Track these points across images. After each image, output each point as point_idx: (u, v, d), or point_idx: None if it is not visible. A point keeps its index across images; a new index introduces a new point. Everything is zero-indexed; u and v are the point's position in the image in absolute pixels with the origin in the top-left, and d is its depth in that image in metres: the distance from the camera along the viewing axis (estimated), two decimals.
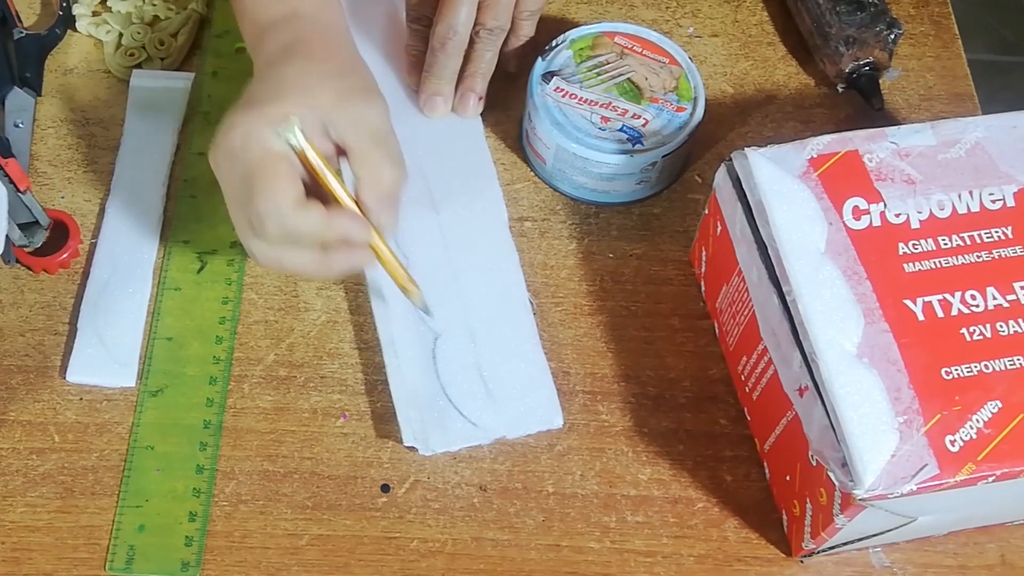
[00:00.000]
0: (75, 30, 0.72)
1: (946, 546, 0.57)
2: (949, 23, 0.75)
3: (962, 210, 0.55)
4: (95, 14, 0.73)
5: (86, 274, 0.64)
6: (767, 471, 0.59)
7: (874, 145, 0.56)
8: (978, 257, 0.54)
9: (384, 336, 0.61)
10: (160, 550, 0.56)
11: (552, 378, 0.61)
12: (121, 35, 0.71)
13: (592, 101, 0.65)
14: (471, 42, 0.66)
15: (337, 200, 0.55)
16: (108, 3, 0.72)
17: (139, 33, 0.71)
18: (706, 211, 0.61)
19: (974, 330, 0.52)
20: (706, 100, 0.66)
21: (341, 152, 0.56)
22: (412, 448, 0.59)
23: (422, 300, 0.59)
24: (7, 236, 0.60)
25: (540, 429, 0.60)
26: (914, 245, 0.54)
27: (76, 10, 0.72)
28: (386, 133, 0.56)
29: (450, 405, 0.59)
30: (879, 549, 0.57)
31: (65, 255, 0.64)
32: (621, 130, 0.64)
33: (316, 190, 0.55)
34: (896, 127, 0.57)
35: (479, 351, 0.61)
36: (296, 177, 0.53)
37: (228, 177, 0.55)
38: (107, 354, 0.61)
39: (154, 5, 0.72)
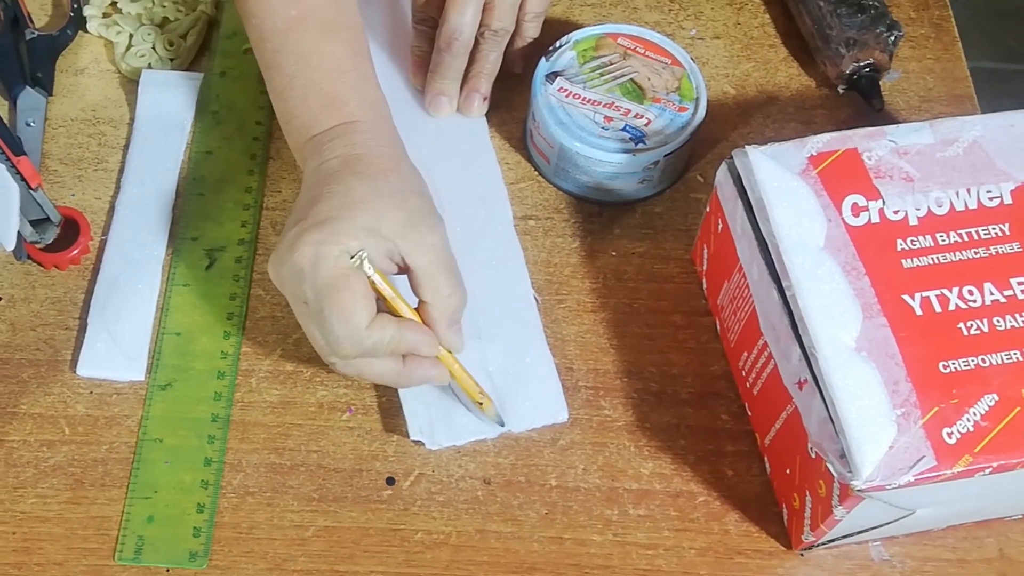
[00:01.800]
0: (86, 31, 0.73)
1: (945, 540, 0.58)
2: (949, 26, 0.76)
3: (960, 207, 0.56)
4: (106, 15, 0.74)
5: (96, 270, 0.65)
6: (767, 465, 0.59)
7: (873, 143, 0.57)
8: (975, 253, 0.54)
9: None
10: (168, 541, 0.57)
11: (557, 373, 0.62)
12: (131, 36, 0.72)
13: (595, 101, 0.66)
14: (476, 43, 0.67)
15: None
16: (118, 4, 0.74)
17: (149, 34, 0.72)
18: (708, 209, 0.62)
19: (971, 325, 0.52)
20: (708, 101, 0.67)
21: (402, 271, 0.56)
22: (418, 442, 0.59)
23: (495, 412, 0.59)
24: (19, 232, 0.61)
25: (545, 423, 0.60)
26: (912, 241, 0.54)
27: (87, 11, 0.73)
28: (449, 257, 0.57)
29: (456, 400, 0.60)
30: (878, 543, 0.58)
31: (76, 251, 0.65)
32: (624, 130, 0.65)
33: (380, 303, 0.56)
34: (895, 126, 0.58)
35: (485, 347, 0.62)
36: (369, 297, 0.54)
37: (295, 292, 0.55)
38: (116, 349, 0.62)
39: (164, 7, 0.73)
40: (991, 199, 0.56)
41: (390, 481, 0.59)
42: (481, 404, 0.59)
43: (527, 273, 0.65)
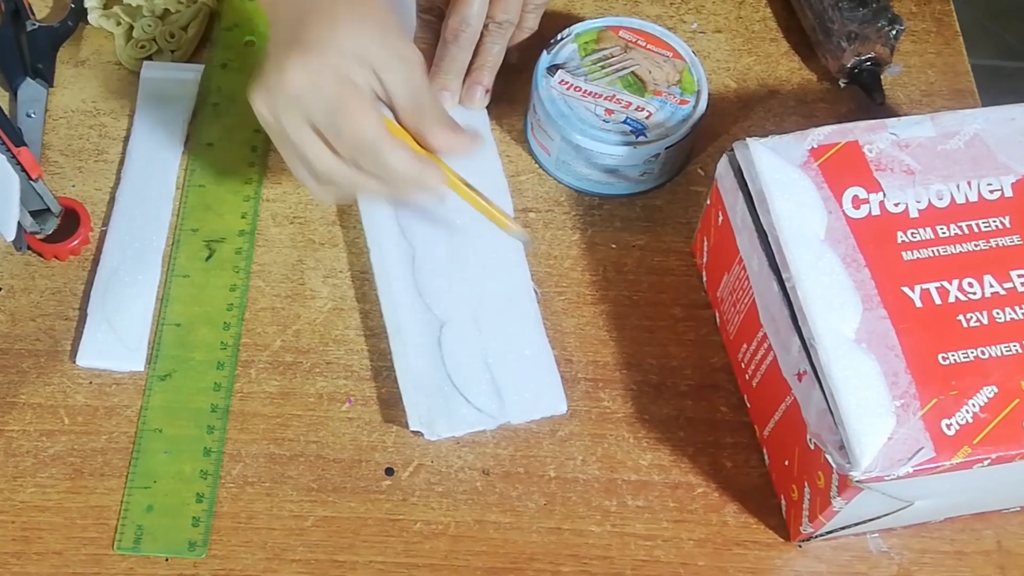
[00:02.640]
0: (87, 22, 0.73)
1: (943, 532, 0.58)
2: (951, 20, 0.76)
3: (960, 200, 0.56)
4: (106, 7, 0.74)
5: (96, 261, 0.65)
6: (766, 457, 0.59)
7: (874, 136, 0.57)
8: (976, 246, 0.54)
9: (391, 323, 0.62)
10: (168, 530, 0.57)
11: (556, 365, 0.62)
12: (132, 27, 0.72)
13: (596, 94, 0.66)
14: (480, 35, 0.67)
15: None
16: None
17: (150, 26, 0.72)
18: (708, 201, 0.62)
19: (971, 317, 0.52)
20: (709, 94, 0.67)
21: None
22: (418, 433, 0.59)
23: (519, 228, 0.61)
24: (19, 223, 0.61)
25: (544, 415, 0.60)
26: (912, 234, 0.54)
27: (88, 3, 0.73)
28: (429, 91, 0.58)
29: (456, 391, 0.60)
30: (876, 534, 0.58)
31: (76, 242, 0.65)
32: (625, 122, 0.65)
33: None
34: (896, 119, 0.58)
35: (484, 339, 0.62)
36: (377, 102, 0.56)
37: (291, 120, 0.55)
38: (116, 339, 0.62)
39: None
40: (992, 192, 0.56)
41: (389, 471, 0.59)
42: (507, 225, 0.60)
43: (527, 266, 0.65)
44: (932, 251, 0.54)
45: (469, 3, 0.65)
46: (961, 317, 0.52)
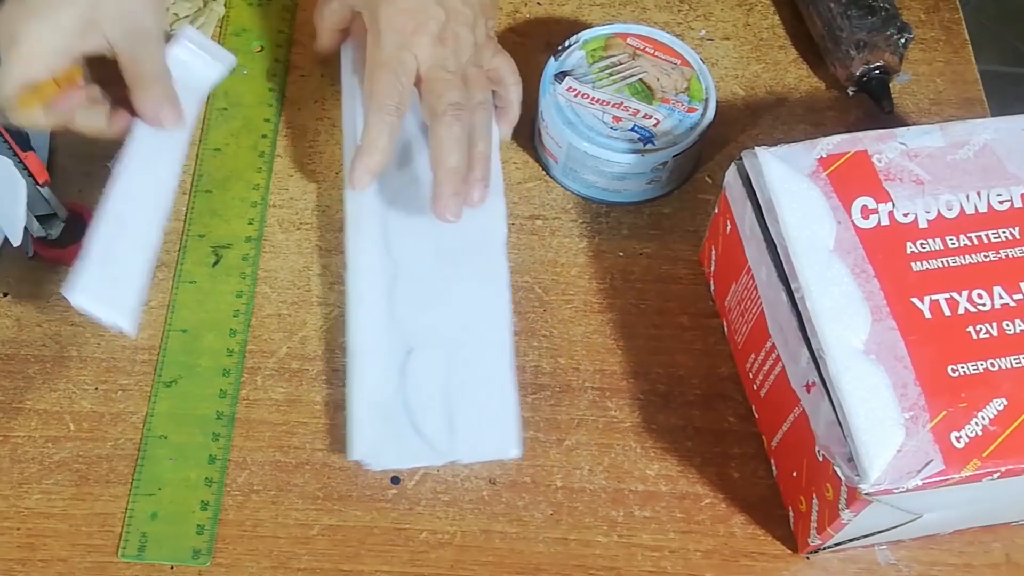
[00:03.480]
0: None
1: (951, 544, 0.58)
2: (959, 29, 0.76)
3: (970, 210, 0.55)
4: None
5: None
6: (774, 468, 0.59)
7: (883, 146, 0.57)
8: (985, 257, 0.54)
9: (353, 342, 0.60)
10: (172, 538, 0.57)
11: (518, 408, 0.59)
12: None
13: (604, 101, 0.66)
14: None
15: None
16: None
17: None
18: (716, 210, 0.62)
19: (980, 328, 0.52)
20: (717, 102, 0.67)
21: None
22: (357, 463, 0.58)
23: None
24: (25, 227, 0.61)
25: (493, 458, 0.59)
26: (922, 244, 0.54)
27: None
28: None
29: (408, 421, 0.58)
30: (884, 547, 0.57)
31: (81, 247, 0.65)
32: (632, 130, 0.65)
33: None
34: (905, 128, 0.57)
35: (450, 371, 0.59)
36: None
37: None
38: (110, 282, 0.58)
39: (174, 2, 0.73)
40: (1001, 202, 0.56)
41: (395, 480, 0.59)
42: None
43: (509, 299, 0.62)
44: (941, 262, 0.54)
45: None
46: (971, 329, 0.52)
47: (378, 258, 0.63)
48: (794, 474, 0.56)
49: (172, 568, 0.56)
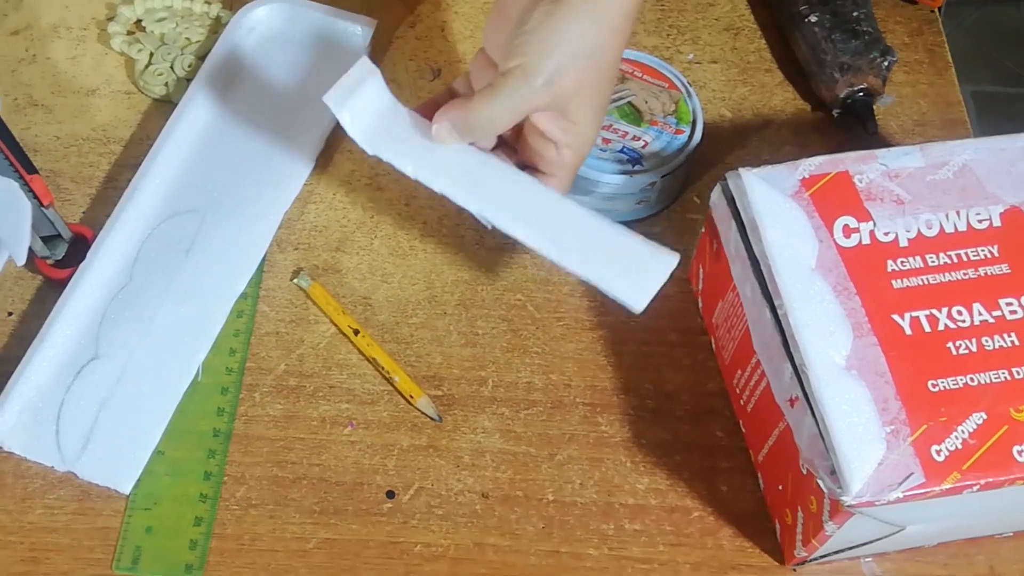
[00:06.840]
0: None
1: (936, 556, 0.59)
2: (943, 51, 0.77)
3: (949, 229, 0.57)
4: (129, 32, 0.76)
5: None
6: (761, 481, 0.60)
7: (864, 166, 0.58)
8: (964, 274, 0.55)
9: (56, 330, 0.62)
10: (165, 552, 0.58)
11: (151, 451, 0.60)
12: (151, 55, 0.74)
13: None
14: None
15: None
16: (143, 24, 0.76)
17: (169, 54, 0.74)
18: (703, 230, 0.63)
19: (960, 344, 0.53)
20: (705, 124, 0.68)
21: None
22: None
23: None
24: (30, 248, 0.62)
25: (111, 486, 0.59)
26: (902, 262, 0.56)
27: (111, 28, 0.75)
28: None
29: (54, 418, 0.60)
30: (870, 559, 0.59)
31: None
32: (621, 151, 0.67)
33: None
34: (886, 149, 0.59)
35: (118, 391, 0.62)
36: None
37: None
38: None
39: (186, 28, 0.75)
40: (980, 221, 0.57)
41: (390, 494, 0.60)
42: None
43: (207, 350, 0.64)
44: (922, 279, 0.55)
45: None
46: (950, 344, 0.53)
47: (121, 267, 0.65)
48: (780, 487, 0.58)
49: None
